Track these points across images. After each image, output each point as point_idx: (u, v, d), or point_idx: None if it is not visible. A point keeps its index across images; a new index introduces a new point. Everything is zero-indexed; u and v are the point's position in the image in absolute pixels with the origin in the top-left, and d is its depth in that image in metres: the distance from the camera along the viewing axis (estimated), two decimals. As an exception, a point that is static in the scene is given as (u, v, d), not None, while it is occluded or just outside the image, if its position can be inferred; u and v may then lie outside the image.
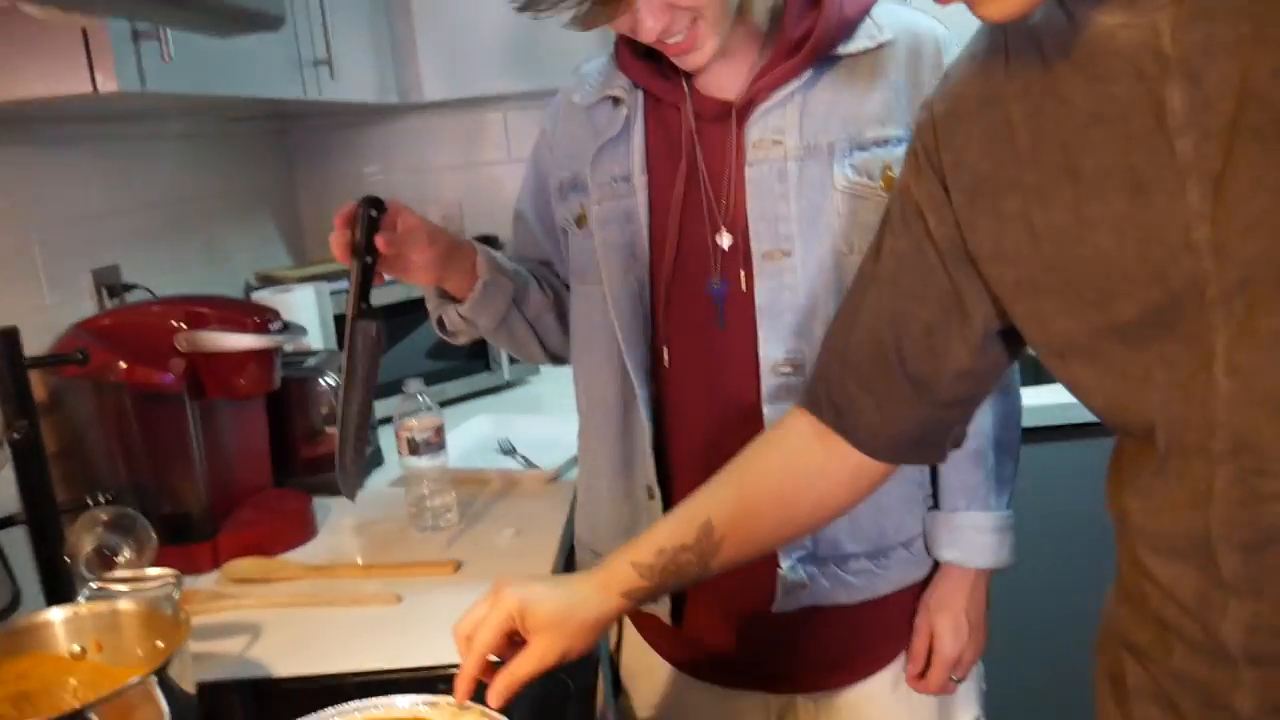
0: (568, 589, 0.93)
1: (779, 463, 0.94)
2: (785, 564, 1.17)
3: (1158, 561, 0.73)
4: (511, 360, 2.25)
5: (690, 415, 1.21)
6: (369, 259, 1.17)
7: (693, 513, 0.93)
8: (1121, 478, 0.76)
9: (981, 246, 0.77)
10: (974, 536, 1.20)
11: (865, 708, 1.27)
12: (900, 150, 0.84)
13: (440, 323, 1.35)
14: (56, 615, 1.02)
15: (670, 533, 0.93)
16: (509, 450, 1.83)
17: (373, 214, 1.16)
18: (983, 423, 1.17)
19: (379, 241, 1.16)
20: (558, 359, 1.40)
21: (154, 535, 1.23)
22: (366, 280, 1.18)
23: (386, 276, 1.22)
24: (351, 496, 1.28)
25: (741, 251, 1.14)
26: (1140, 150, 0.64)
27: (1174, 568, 0.71)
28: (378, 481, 1.75)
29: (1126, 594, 0.79)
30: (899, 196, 0.84)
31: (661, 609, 1.27)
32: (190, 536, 1.41)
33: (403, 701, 0.97)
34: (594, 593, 0.92)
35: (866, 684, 1.26)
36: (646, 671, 1.35)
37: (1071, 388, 0.75)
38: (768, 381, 1.13)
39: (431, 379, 1.81)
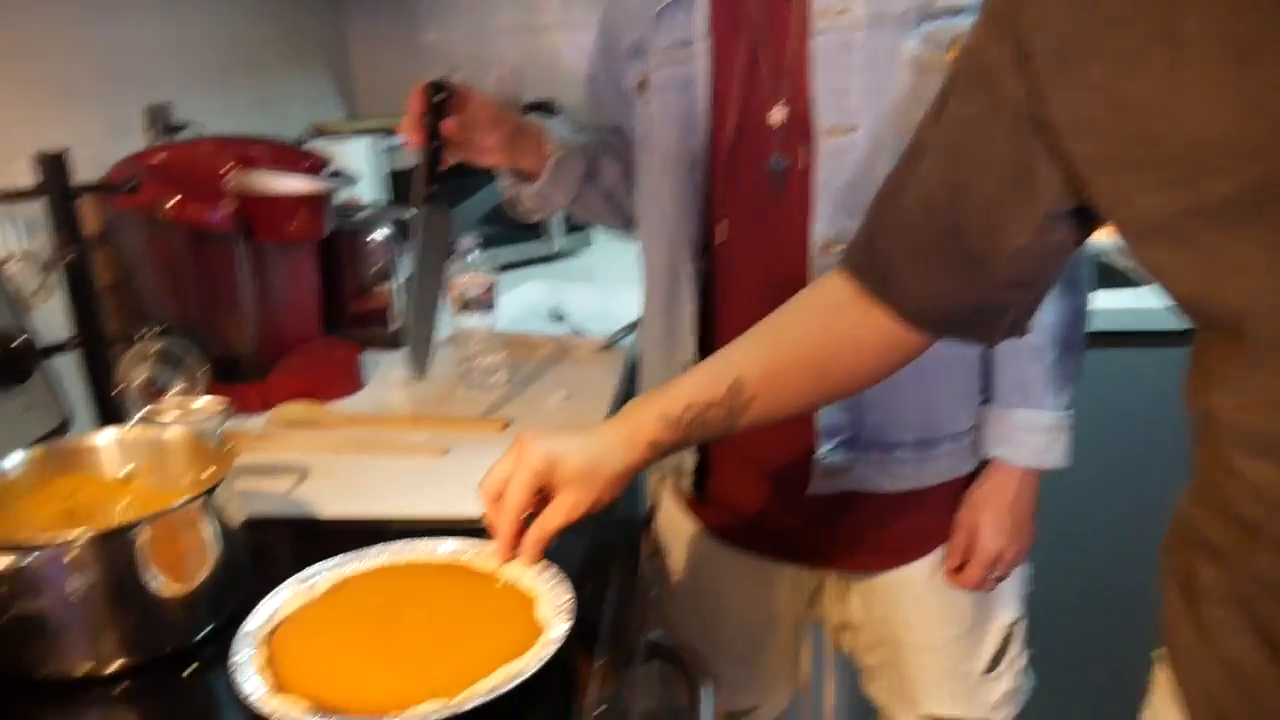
0: (593, 441, 0.90)
1: (815, 326, 0.90)
2: (825, 448, 1.14)
3: (1247, 460, 0.68)
4: (569, 229, 2.20)
5: (740, 294, 1.17)
6: (435, 144, 1.17)
7: (723, 369, 0.90)
8: (1208, 375, 0.71)
9: (1059, 115, 0.70)
10: (1025, 434, 1.15)
11: (899, 593, 1.26)
12: (971, 21, 0.78)
13: (514, 202, 1.33)
14: (105, 438, 1.01)
15: (699, 387, 0.90)
16: (560, 317, 1.80)
17: (438, 98, 1.15)
18: (1045, 317, 1.12)
19: (445, 126, 1.16)
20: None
21: (205, 369, 1.22)
22: (434, 165, 1.18)
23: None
24: (421, 375, 1.30)
25: (802, 127, 1.08)
26: (1250, 11, 0.57)
27: (1267, 467, 0.67)
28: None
29: (1205, 495, 0.75)
30: (967, 58, 0.77)
31: (685, 481, 1.26)
32: (239, 378, 1.39)
33: (450, 546, 0.96)
34: (620, 444, 0.90)
35: (902, 570, 1.24)
36: (681, 535, 1.35)
37: (1153, 272, 0.70)
38: (818, 262, 1.09)
39: (482, 245, 1.78)
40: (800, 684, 1.50)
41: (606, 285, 1.90)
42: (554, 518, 0.89)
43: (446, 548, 0.96)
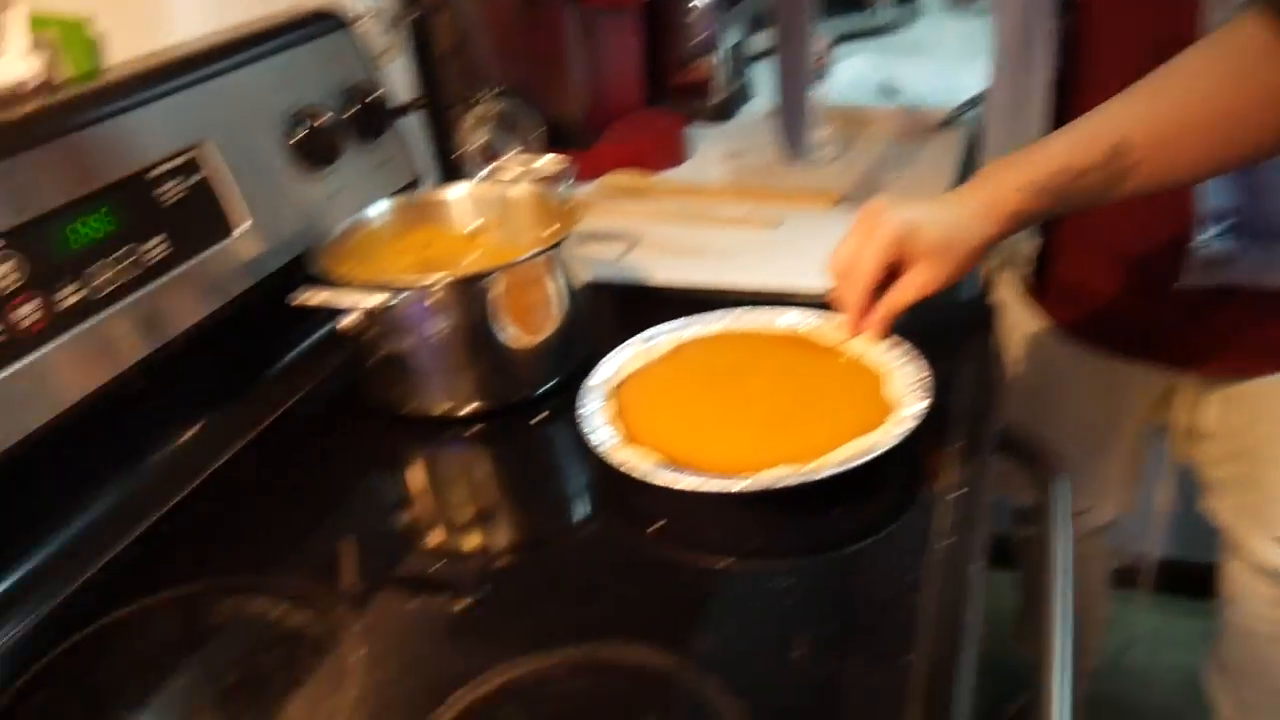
0: (949, 211, 0.82)
1: (1220, 78, 0.75)
2: (1207, 234, 1.00)
3: None
4: (896, 1, 2.04)
5: (1108, 58, 1.01)
6: None
7: (1105, 128, 0.78)
8: None
9: None
10: None
11: (1268, 403, 1.11)
12: None
13: None
14: (455, 194, 1.03)
15: (1075, 150, 0.79)
16: (892, 92, 1.68)
17: None
18: None
19: None
20: None
21: (539, 132, 1.22)
22: None
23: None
24: (798, 155, 1.29)
25: None
26: None
27: None
28: (752, 111, 1.66)
29: None
30: None
31: (1025, 269, 1.16)
32: (568, 145, 1.39)
33: (790, 318, 0.92)
34: (979, 215, 0.82)
35: (1275, 377, 1.09)
36: (1019, 327, 1.26)
37: None
38: (1214, 15, 0.91)
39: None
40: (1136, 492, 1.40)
41: (939, 60, 1.75)
42: (906, 292, 0.83)
43: (786, 319, 0.93)
